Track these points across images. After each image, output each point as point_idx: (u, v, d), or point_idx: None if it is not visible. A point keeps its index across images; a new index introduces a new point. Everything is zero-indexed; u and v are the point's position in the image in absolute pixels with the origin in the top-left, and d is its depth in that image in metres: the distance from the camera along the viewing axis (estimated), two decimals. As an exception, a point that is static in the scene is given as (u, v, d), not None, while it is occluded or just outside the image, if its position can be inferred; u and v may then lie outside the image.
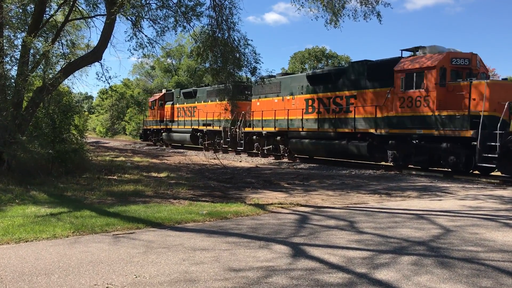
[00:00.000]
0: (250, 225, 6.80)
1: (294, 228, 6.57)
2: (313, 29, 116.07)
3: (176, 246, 5.43)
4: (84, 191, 10.03)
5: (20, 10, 13.45)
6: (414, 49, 15.93)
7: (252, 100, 23.71)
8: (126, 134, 61.18)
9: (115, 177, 13.35)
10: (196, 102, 29.84)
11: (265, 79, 18.60)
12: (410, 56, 15.89)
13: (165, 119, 33.41)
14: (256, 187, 11.91)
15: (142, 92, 52.99)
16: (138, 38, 14.84)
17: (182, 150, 30.07)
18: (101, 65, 15.29)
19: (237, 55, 14.90)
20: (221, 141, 26.31)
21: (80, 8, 17.39)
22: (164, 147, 33.44)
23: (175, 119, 32.38)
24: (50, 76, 12.82)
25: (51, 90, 13.04)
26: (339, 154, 18.57)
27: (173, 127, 32.30)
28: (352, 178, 14.40)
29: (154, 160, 20.80)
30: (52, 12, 15.74)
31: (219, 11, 14.40)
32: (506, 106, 12.94)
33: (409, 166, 16.51)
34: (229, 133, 25.15)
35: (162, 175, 14.22)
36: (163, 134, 33.46)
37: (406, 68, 15.23)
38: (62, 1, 15.92)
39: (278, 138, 21.66)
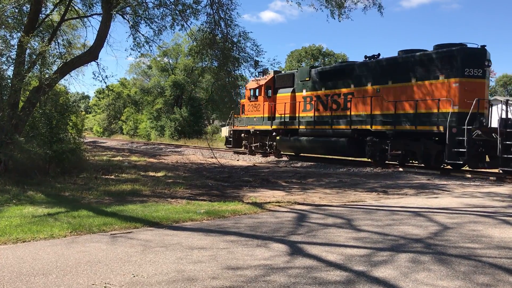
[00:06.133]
0: (248, 223, 6.80)
1: (292, 226, 6.57)
2: (310, 28, 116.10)
3: (173, 245, 5.42)
4: (81, 191, 10.01)
5: (16, 10, 13.39)
6: None
7: None
8: (123, 134, 61.14)
9: (112, 176, 13.33)
10: (352, 86, 18.08)
11: None
12: None
13: (281, 115, 21.50)
14: (254, 186, 11.91)
15: (139, 91, 52.86)
16: (135, 38, 14.90)
17: (179, 150, 30.01)
18: (98, 64, 15.30)
19: (237, 53, 14.89)
20: (444, 153, 14.35)
21: (76, 8, 17.36)
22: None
23: (300, 114, 20.67)
24: (47, 76, 12.79)
25: (47, 90, 13.00)
26: None
27: (300, 127, 20.51)
28: (349, 176, 14.42)
29: (151, 160, 20.79)
30: (48, 12, 15.74)
31: (216, 8, 14.40)
32: None
33: None
34: (464, 138, 13.68)
35: (159, 174, 14.20)
36: (277, 138, 21.87)
37: None
38: (58, 1, 15.88)
39: None
